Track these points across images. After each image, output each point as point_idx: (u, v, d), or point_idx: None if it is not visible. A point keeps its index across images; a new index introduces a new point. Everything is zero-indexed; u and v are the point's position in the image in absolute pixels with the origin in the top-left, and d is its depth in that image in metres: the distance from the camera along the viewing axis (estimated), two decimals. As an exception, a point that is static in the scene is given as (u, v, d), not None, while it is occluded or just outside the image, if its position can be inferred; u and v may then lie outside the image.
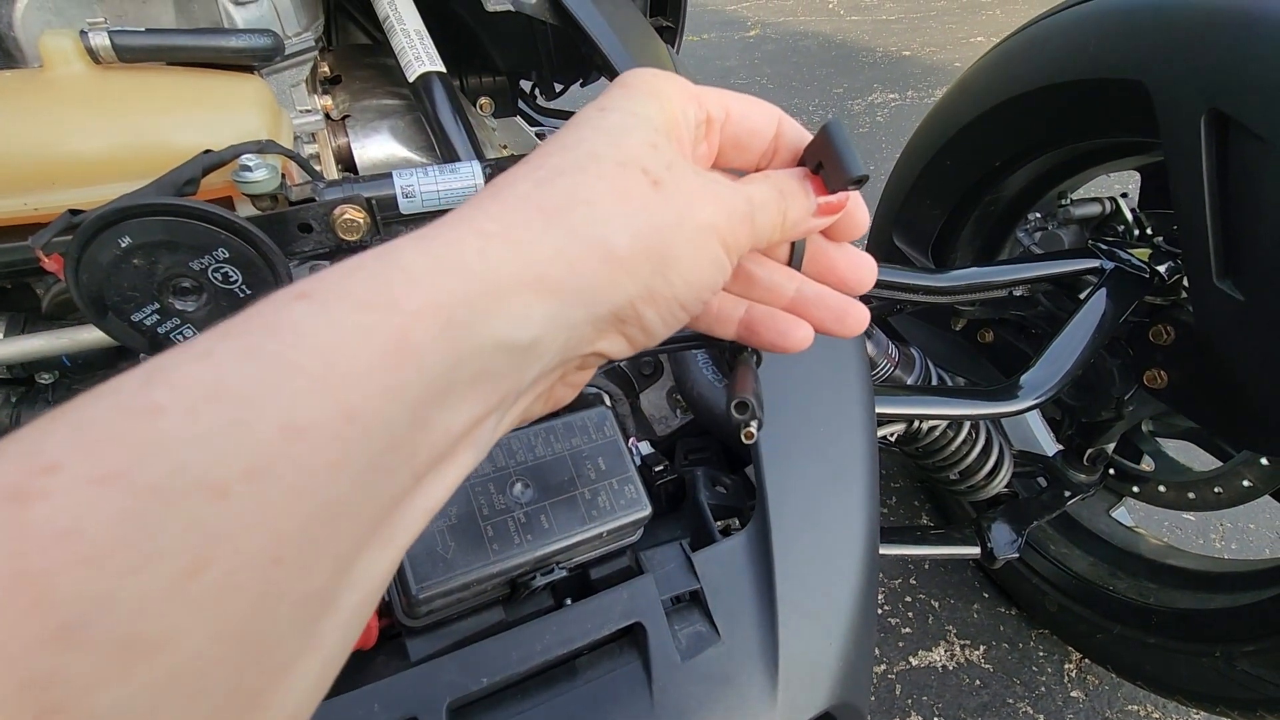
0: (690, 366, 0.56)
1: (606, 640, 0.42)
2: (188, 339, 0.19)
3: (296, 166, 0.51)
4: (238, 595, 0.15)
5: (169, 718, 0.15)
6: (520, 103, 1.17)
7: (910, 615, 1.22)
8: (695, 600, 0.44)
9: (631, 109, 0.25)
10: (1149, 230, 0.96)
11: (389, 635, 0.41)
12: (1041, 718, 1.08)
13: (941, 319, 1.14)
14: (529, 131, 0.94)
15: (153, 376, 0.17)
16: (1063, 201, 1.02)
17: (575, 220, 0.22)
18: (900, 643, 1.18)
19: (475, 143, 0.66)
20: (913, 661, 1.15)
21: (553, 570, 0.41)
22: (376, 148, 0.71)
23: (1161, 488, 1.01)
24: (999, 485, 0.99)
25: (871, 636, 0.51)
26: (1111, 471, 1.05)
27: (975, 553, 0.97)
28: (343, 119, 0.72)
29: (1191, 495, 0.97)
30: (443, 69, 0.67)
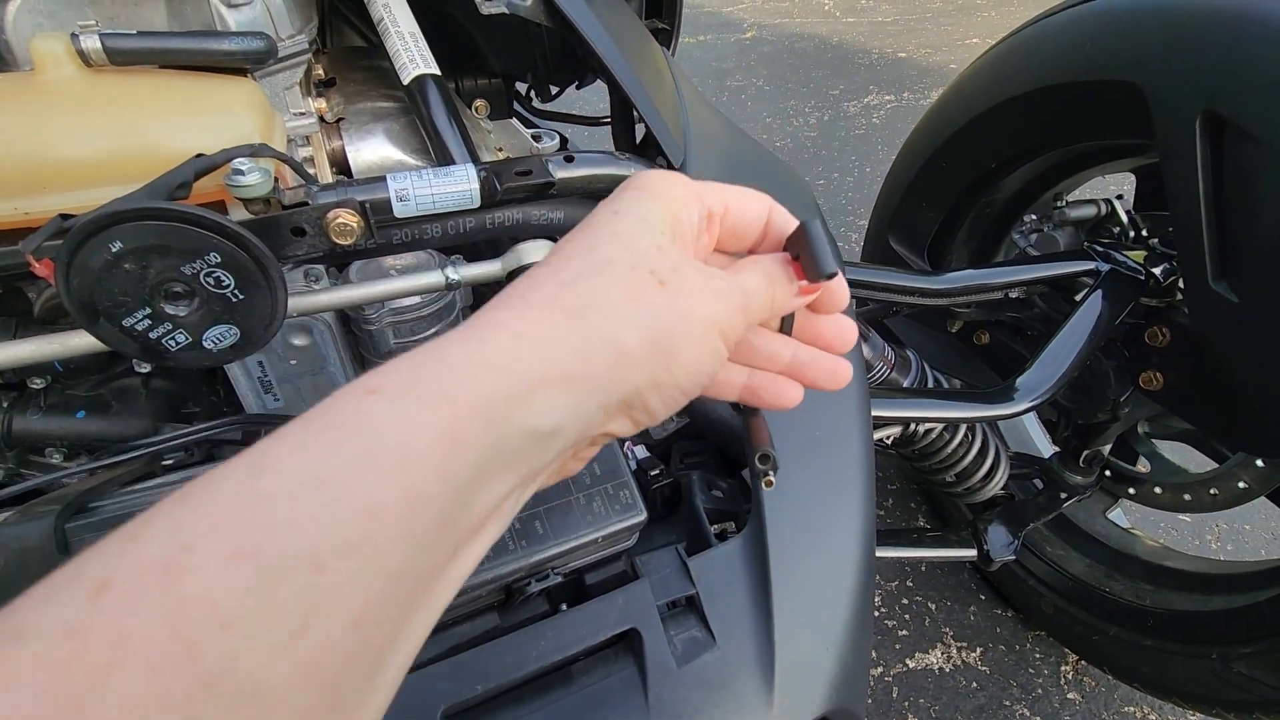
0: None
1: (602, 646, 0.42)
2: (180, 344, 0.21)
3: (290, 170, 0.51)
4: (331, 654, 0.19)
5: None
6: (516, 105, 1.17)
7: (907, 618, 1.22)
8: (691, 605, 0.44)
9: (640, 213, 0.29)
10: (1144, 232, 0.96)
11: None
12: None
13: (938, 321, 1.14)
14: (525, 134, 0.94)
15: (259, 465, 0.20)
16: (1058, 203, 1.02)
17: (592, 321, 0.26)
18: (897, 645, 1.18)
19: (470, 145, 0.65)
20: (909, 664, 1.15)
21: (548, 576, 0.41)
22: (371, 151, 0.71)
23: (1157, 489, 1.01)
24: (995, 487, 0.99)
25: (868, 640, 0.51)
26: (1108, 473, 1.05)
27: (972, 555, 0.97)
28: (337, 122, 0.72)
29: (1187, 497, 0.97)
30: (437, 71, 0.67)
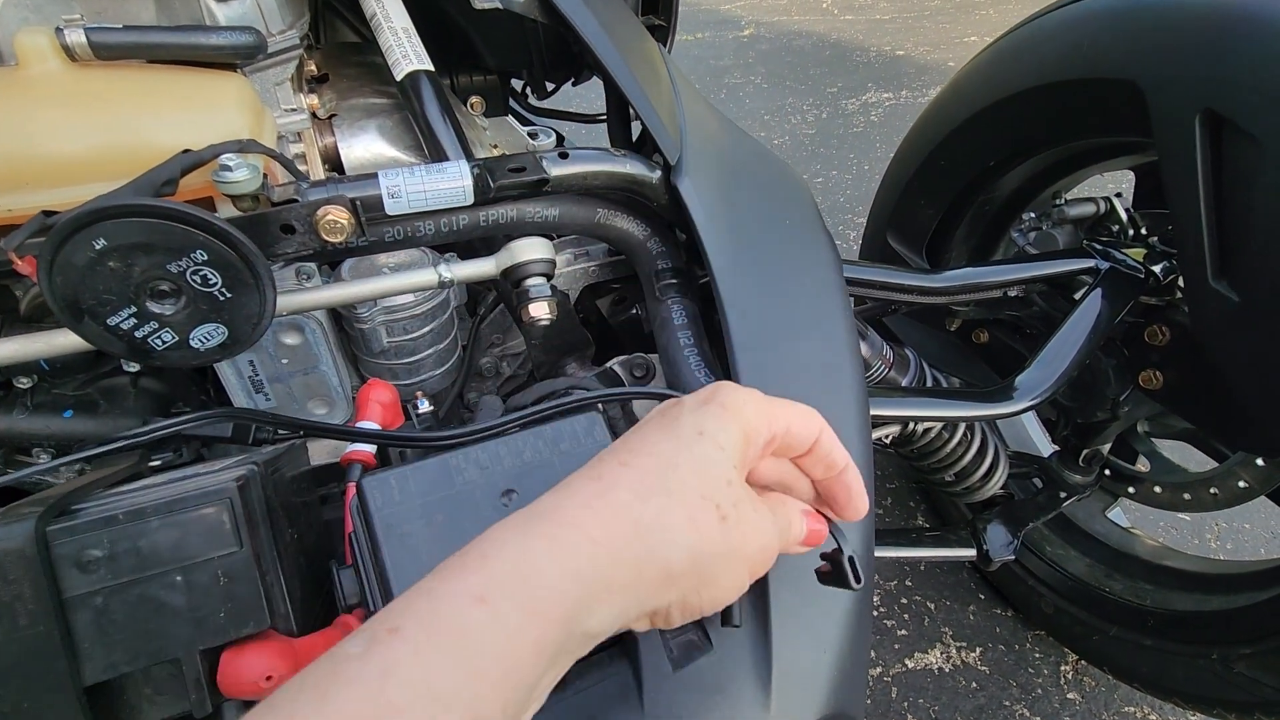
0: (683, 369, 0.55)
1: (597, 650, 0.41)
2: (167, 343, 0.20)
3: (280, 166, 0.50)
4: None
5: None
6: (512, 102, 1.16)
7: (906, 617, 1.21)
8: (687, 608, 0.44)
9: (720, 440, 0.32)
10: (1144, 230, 0.95)
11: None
12: (1037, 720, 1.07)
13: (936, 320, 1.13)
14: (520, 131, 0.93)
15: (387, 671, 0.23)
16: (1057, 201, 1.02)
17: (654, 541, 0.29)
18: (896, 645, 1.17)
19: (464, 142, 0.65)
20: (909, 664, 1.15)
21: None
22: (363, 147, 0.70)
23: (1157, 489, 1.01)
24: (994, 487, 0.99)
25: (866, 643, 0.50)
26: (1107, 472, 1.05)
27: (971, 554, 0.97)
28: (329, 118, 0.71)
29: (1187, 496, 0.97)
30: (430, 67, 0.66)
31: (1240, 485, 0.90)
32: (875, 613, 1.22)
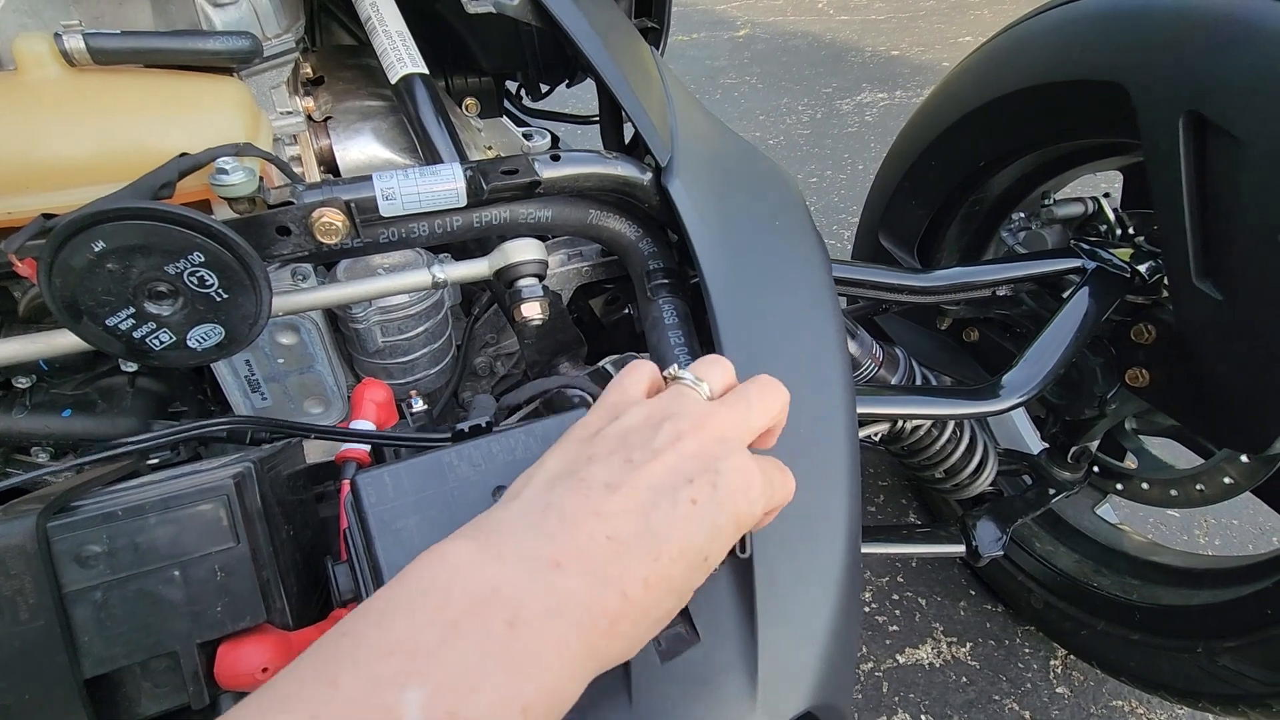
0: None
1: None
2: (165, 343, 0.20)
3: (276, 169, 0.51)
4: None
5: None
6: (507, 103, 1.17)
7: (897, 613, 1.22)
8: (676, 602, 0.44)
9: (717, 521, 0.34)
10: (1131, 230, 0.96)
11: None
12: (1028, 714, 1.08)
13: (927, 318, 1.14)
14: (515, 132, 0.94)
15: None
16: (1046, 201, 1.03)
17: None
18: (887, 640, 1.18)
19: (458, 144, 0.65)
20: (900, 659, 1.16)
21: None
22: (359, 150, 0.71)
23: (1145, 485, 1.02)
24: (984, 483, 1.00)
25: (854, 636, 0.51)
26: (1096, 469, 1.06)
27: (961, 550, 0.98)
28: (325, 120, 0.72)
29: (1174, 492, 0.98)
30: (425, 70, 0.67)
31: (1226, 481, 0.91)
32: (867, 609, 1.23)
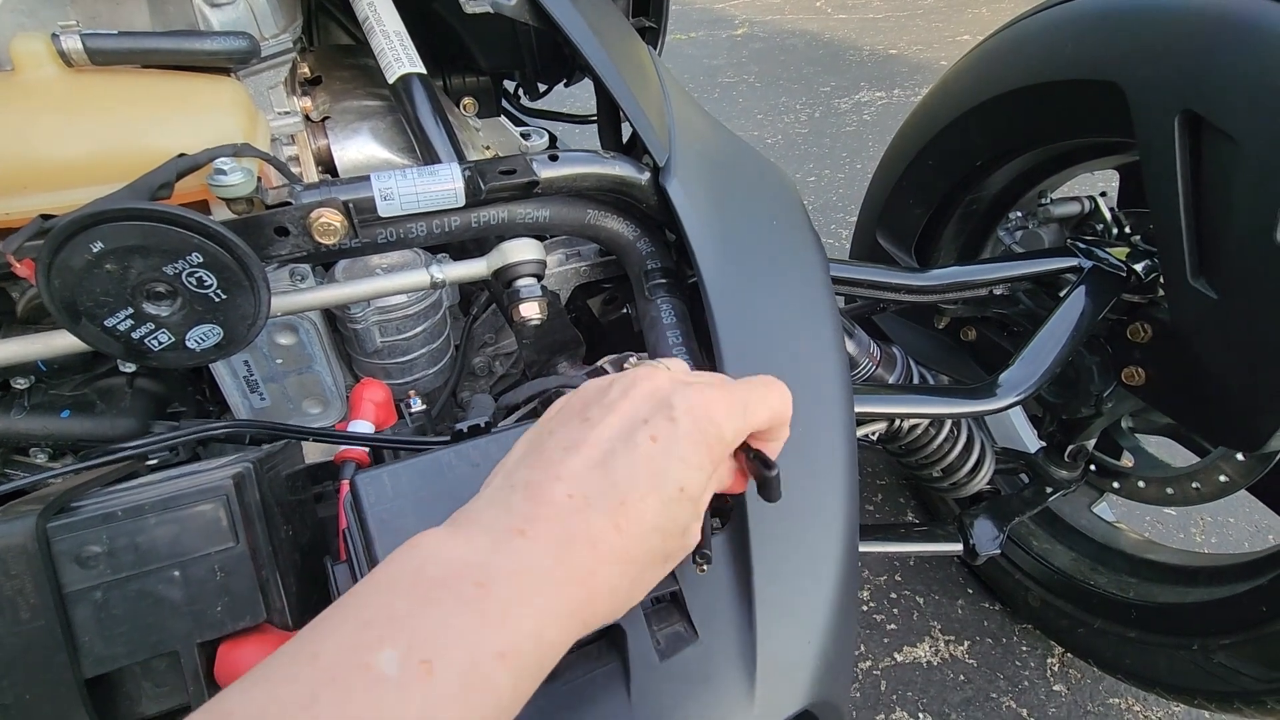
0: (670, 368, 0.56)
1: (586, 641, 0.42)
2: (163, 343, 0.20)
3: (274, 169, 0.51)
4: None
5: None
6: (505, 103, 1.17)
7: (895, 612, 1.23)
8: (674, 601, 0.45)
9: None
10: (1127, 229, 0.97)
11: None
12: (1025, 712, 1.09)
13: (925, 318, 1.14)
14: (513, 131, 0.94)
15: None
16: (1043, 201, 1.03)
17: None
18: (885, 639, 1.19)
19: (456, 144, 0.66)
20: (898, 657, 1.16)
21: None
22: (357, 150, 0.71)
23: (1141, 483, 1.02)
24: (981, 482, 1.00)
25: (852, 634, 0.52)
26: (1092, 468, 1.06)
27: (958, 549, 0.98)
28: (323, 120, 0.72)
29: (1170, 490, 0.98)
30: (422, 70, 0.67)
31: (1221, 479, 0.92)
32: (865, 607, 1.23)
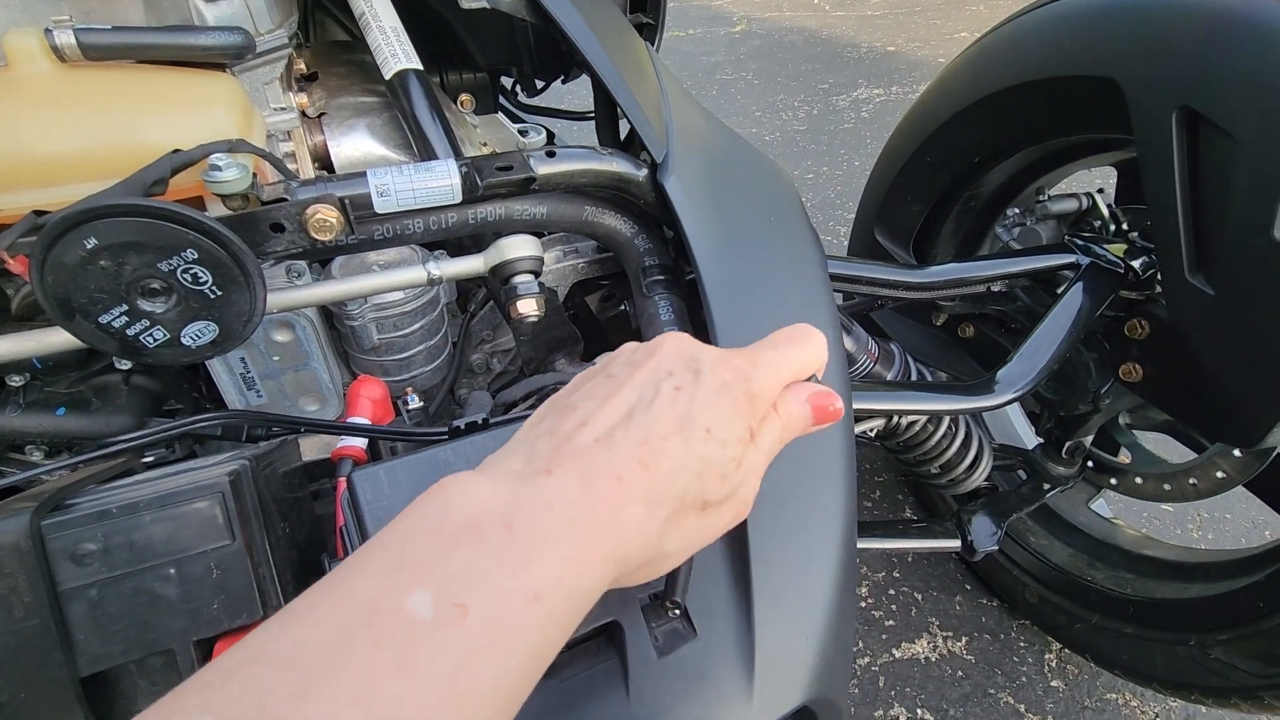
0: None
1: (584, 638, 0.42)
2: (158, 340, 0.19)
3: (269, 165, 0.51)
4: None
5: None
6: (502, 99, 1.17)
7: (893, 608, 1.23)
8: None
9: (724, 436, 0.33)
10: (1125, 226, 0.97)
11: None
12: (1022, 707, 1.09)
13: (923, 314, 1.14)
14: (510, 128, 0.94)
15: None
16: (1040, 197, 1.03)
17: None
18: (884, 635, 1.19)
19: (452, 140, 0.65)
20: (896, 654, 1.16)
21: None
22: (353, 146, 0.71)
23: (1138, 479, 1.02)
24: (979, 479, 1.00)
25: (850, 630, 0.52)
26: (1090, 464, 1.06)
27: (956, 546, 0.98)
28: (319, 116, 0.71)
29: (1167, 487, 0.98)
30: (419, 66, 0.67)
31: (1219, 476, 0.92)
32: (863, 604, 1.24)
